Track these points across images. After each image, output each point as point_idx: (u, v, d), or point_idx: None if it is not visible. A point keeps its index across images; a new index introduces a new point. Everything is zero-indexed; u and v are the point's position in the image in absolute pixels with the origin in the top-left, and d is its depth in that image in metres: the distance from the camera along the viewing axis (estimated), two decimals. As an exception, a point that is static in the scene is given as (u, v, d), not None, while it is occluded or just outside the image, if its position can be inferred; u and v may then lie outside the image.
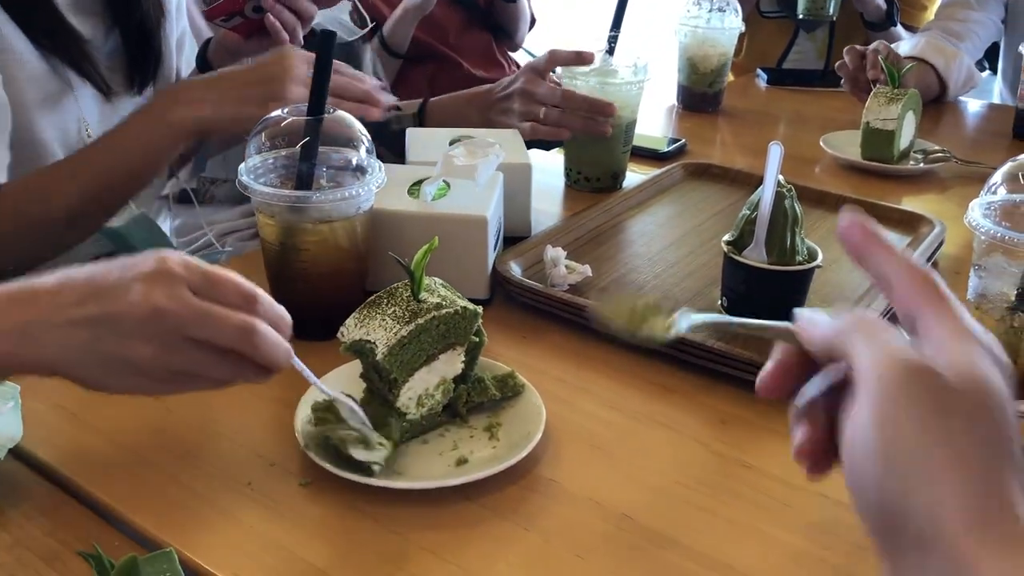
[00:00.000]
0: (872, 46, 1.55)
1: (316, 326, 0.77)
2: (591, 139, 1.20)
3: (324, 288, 0.85)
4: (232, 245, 1.38)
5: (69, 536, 0.62)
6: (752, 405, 0.78)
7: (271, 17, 1.09)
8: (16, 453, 0.68)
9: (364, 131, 0.87)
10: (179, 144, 0.98)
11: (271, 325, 0.58)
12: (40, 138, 1.03)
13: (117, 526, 0.63)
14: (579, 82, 1.20)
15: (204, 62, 1.19)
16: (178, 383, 0.58)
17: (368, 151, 0.87)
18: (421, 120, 1.28)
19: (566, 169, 1.27)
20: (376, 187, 0.85)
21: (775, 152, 0.82)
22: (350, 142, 0.86)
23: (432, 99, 1.29)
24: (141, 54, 1.13)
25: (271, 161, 0.85)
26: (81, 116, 1.07)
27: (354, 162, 0.86)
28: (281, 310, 0.60)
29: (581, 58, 1.19)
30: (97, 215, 1.00)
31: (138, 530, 0.62)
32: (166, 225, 1.38)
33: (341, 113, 0.87)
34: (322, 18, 1.24)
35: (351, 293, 0.85)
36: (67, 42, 1.02)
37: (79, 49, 1.03)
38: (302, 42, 1.14)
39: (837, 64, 1.61)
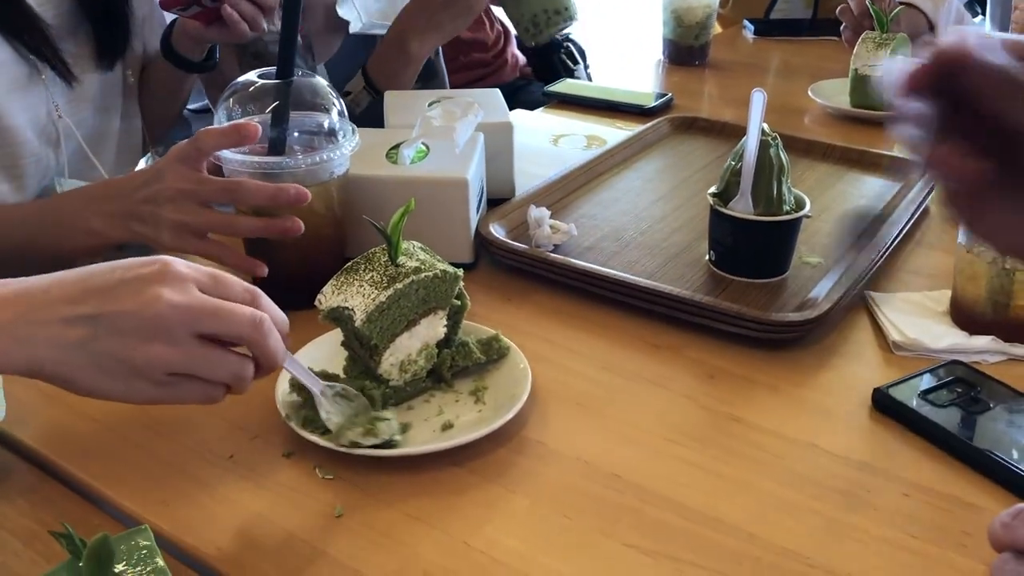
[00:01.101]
0: None
1: (295, 294, 0.76)
2: None
3: (301, 255, 0.83)
4: None
5: (48, 516, 0.61)
6: (740, 359, 0.77)
7: (228, 8, 1.04)
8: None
9: (335, 93, 0.85)
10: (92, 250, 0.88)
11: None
12: (11, 124, 1.00)
13: (98, 505, 0.62)
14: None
15: (168, 47, 1.16)
16: (173, 387, 0.56)
17: (340, 114, 0.85)
18: (374, 88, 1.23)
19: (526, 27, 1.15)
20: (350, 150, 0.83)
21: (758, 99, 0.80)
22: (321, 106, 0.84)
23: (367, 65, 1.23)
24: (108, 32, 1.10)
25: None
26: (51, 99, 1.05)
27: (326, 126, 0.84)
28: (279, 310, 0.60)
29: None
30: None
31: (118, 508, 0.61)
32: None
33: (315, 79, 0.85)
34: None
35: (329, 259, 0.83)
36: (28, 28, 0.99)
37: (41, 35, 1.00)
38: (265, 30, 1.09)
39: (839, 9, 1.57)
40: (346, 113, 0.85)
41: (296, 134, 0.83)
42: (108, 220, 0.84)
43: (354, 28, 1.31)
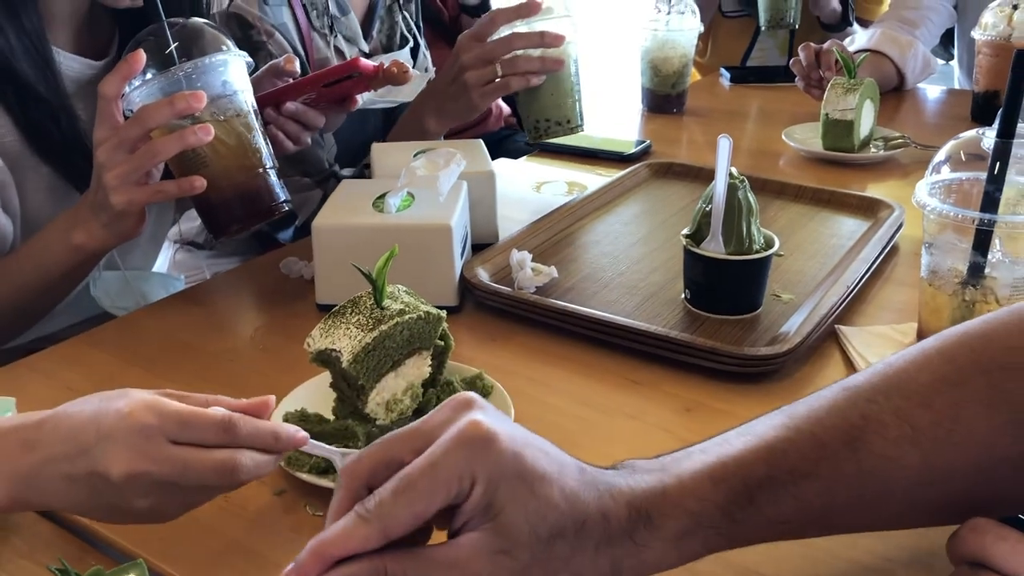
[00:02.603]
0: (825, 46, 1.58)
1: (228, 216, 0.92)
2: (545, 82, 1.16)
3: (224, 175, 0.91)
4: None
5: (45, 557, 0.63)
6: (716, 393, 0.80)
7: (273, 128, 1.09)
8: None
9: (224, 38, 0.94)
10: (80, 264, 0.96)
11: (256, 442, 0.57)
12: None
13: (94, 544, 0.64)
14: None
15: None
16: (188, 507, 0.59)
17: (228, 47, 0.94)
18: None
19: (529, 127, 1.21)
20: (247, 68, 0.94)
21: (724, 144, 0.84)
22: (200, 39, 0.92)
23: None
24: None
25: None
26: None
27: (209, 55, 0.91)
28: (264, 426, 0.58)
29: (528, 7, 1.11)
30: (28, 316, 1.02)
31: (113, 546, 0.63)
32: (167, 256, 1.40)
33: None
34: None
35: (252, 178, 0.93)
36: (77, 161, 1.02)
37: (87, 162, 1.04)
38: (308, 144, 1.16)
39: (791, 61, 1.64)
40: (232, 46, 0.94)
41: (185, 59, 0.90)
42: (84, 228, 0.91)
43: (358, 104, 1.37)
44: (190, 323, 0.98)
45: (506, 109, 2.17)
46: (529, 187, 1.32)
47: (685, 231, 0.91)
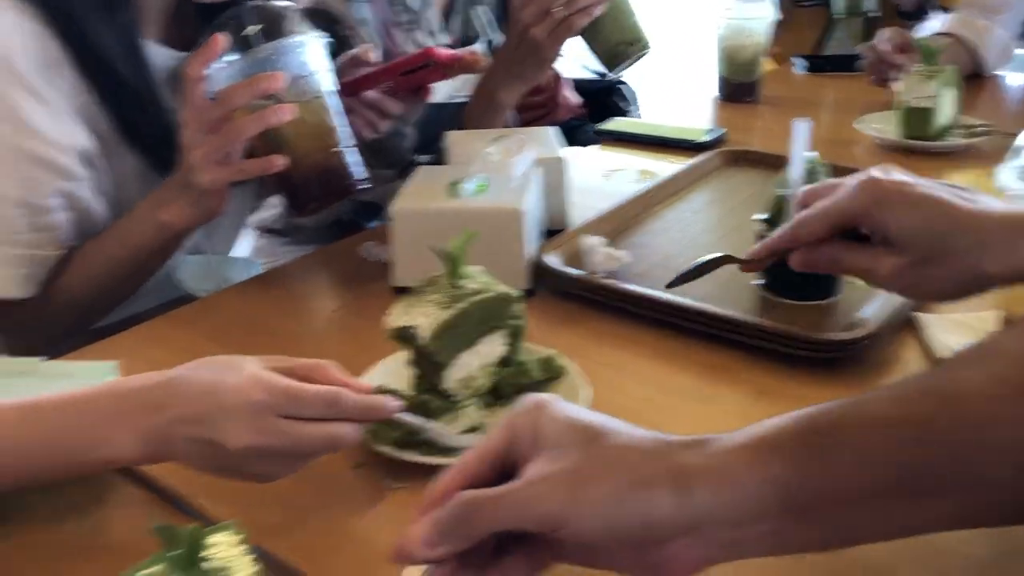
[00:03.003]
0: (888, 35, 1.57)
1: (309, 195, 0.95)
2: (606, 10, 1.18)
3: (304, 156, 0.94)
4: None
5: (141, 522, 0.66)
6: (789, 378, 0.80)
7: (351, 117, 1.10)
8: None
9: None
10: (167, 242, 1.00)
11: (357, 415, 0.64)
12: None
13: (185, 511, 0.67)
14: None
15: None
16: (293, 470, 0.65)
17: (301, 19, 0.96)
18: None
19: (606, 59, 1.24)
20: (322, 43, 0.95)
21: (800, 128, 0.84)
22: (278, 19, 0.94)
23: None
24: None
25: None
26: None
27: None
28: (364, 400, 0.64)
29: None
30: (118, 293, 1.06)
31: (201, 512, 0.66)
32: (247, 243, 1.44)
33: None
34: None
35: (330, 160, 0.96)
36: (164, 147, 1.05)
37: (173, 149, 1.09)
38: (383, 132, 1.19)
39: (863, 50, 1.61)
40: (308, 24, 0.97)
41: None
42: (171, 208, 0.95)
43: (437, 98, 1.40)
44: (270, 304, 1.01)
45: (575, 100, 2.17)
46: (599, 175, 1.32)
47: (760, 216, 0.90)
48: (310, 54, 0.94)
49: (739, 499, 0.48)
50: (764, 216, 0.91)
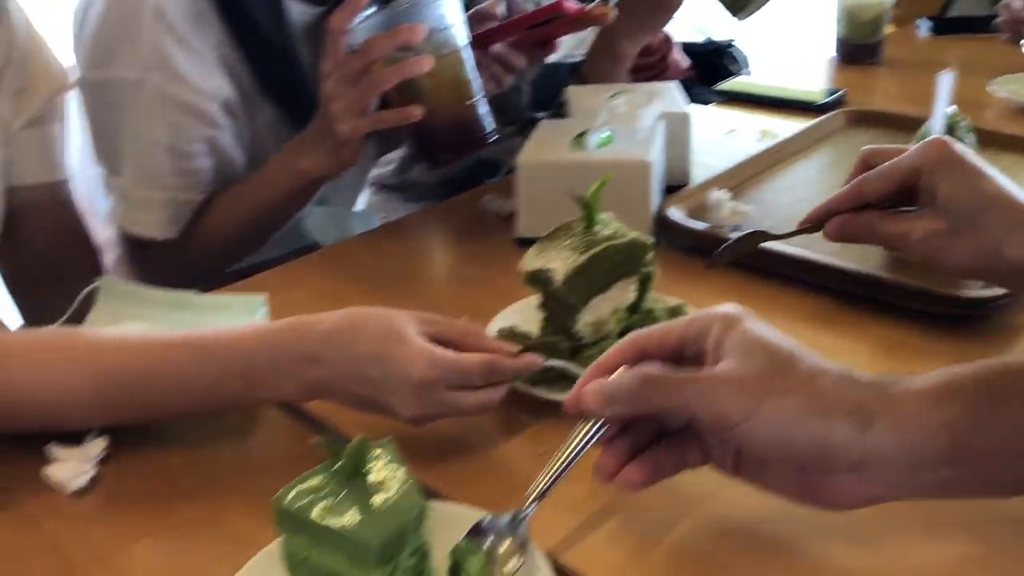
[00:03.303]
0: None
1: (441, 145, 0.98)
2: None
3: (440, 107, 0.96)
4: None
5: (295, 447, 0.70)
6: (920, 335, 0.79)
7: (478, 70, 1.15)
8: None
9: None
10: (304, 187, 1.04)
11: (508, 378, 0.67)
12: None
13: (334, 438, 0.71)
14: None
15: None
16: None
17: None
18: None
19: (729, 4, 1.15)
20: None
21: (945, 80, 0.82)
22: None
23: None
24: None
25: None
26: None
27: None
28: (514, 365, 0.67)
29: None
30: (259, 235, 1.12)
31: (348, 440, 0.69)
32: (364, 199, 1.49)
33: None
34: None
35: (463, 112, 0.98)
36: (300, 98, 1.10)
37: (309, 102, 1.09)
38: (508, 86, 1.20)
39: (1000, 5, 1.54)
40: None
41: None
42: (309, 156, 0.99)
43: (553, 57, 1.40)
44: (395, 253, 1.05)
45: (684, 62, 2.14)
46: (719, 133, 1.31)
47: (894, 172, 0.89)
48: (447, 7, 0.96)
49: (915, 442, 0.49)
50: (897, 172, 0.89)
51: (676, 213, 0.97)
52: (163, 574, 0.58)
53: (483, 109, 0.99)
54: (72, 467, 0.66)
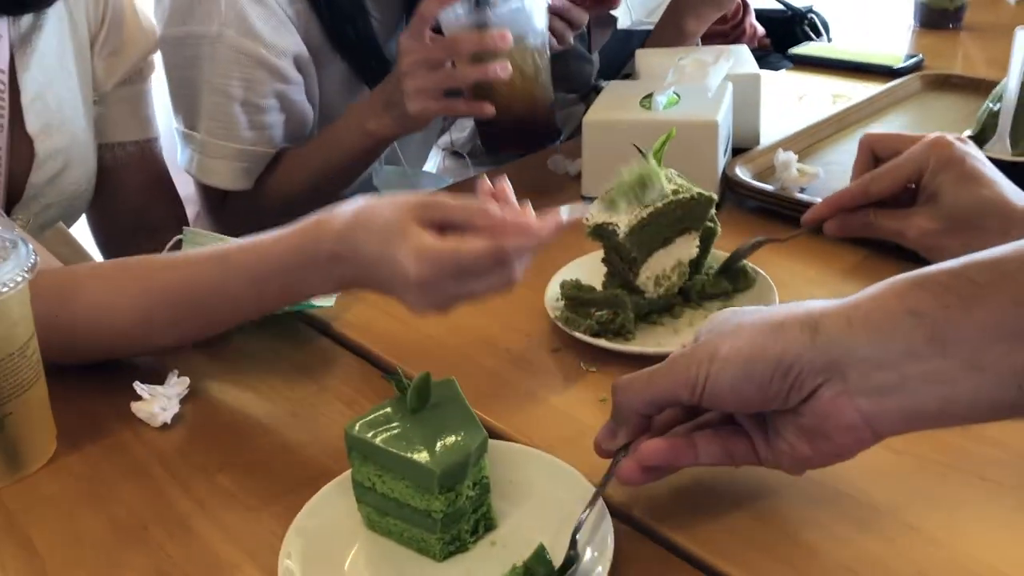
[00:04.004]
0: None
1: (509, 139, 1.01)
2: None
3: (514, 104, 0.98)
4: None
5: (364, 387, 0.73)
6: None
7: None
8: (326, 332, 0.82)
9: None
10: (374, 146, 1.07)
11: (523, 253, 0.64)
12: None
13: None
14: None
15: None
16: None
17: None
18: None
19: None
20: (546, 3, 0.96)
21: (1022, 37, 0.80)
22: None
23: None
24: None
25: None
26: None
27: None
28: (528, 245, 0.64)
29: None
30: (329, 190, 1.11)
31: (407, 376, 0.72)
32: (435, 162, 1.52)
33: None
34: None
35: (537, 113, 1.00)
36: (370, 57, 1.14)
37: (379, 60, 1.15)
38: (571, 43, 1.20)
39: None
40: None
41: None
42: (377, 118, 1.01)
43: (622, 24, 1.40)
44: (465, 211, 1.07)
45: (760, 29, 2.11)
46: (791, 97, 1.30)
47: (967, 132, 0.88)
48: (536, 15, 0.97)
49: (876, 332, 0.46)
50: (970, 133, 0.88)
51: (743, 173, 0.97)
52: (241, 501, 0.62)
53: (553, 114, 1.01)
54: (157, 403, 0.70)
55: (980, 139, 0.86)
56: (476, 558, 0.55)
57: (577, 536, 0.52)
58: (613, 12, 1.40)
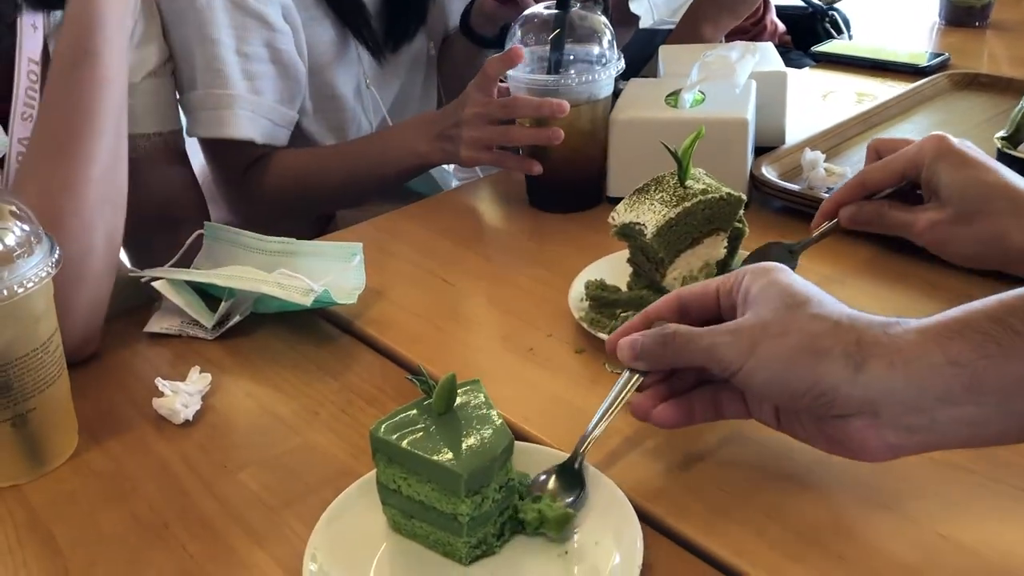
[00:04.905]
0: None
1: (560, 196, 1.00)
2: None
3: (567, 166, 0.98)
4: None
5: (385, 385, 0.73)
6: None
7: None
8: (348, 329, 0.81)
9: (607, 24, 0.98)
10: (417, 168, 1.09)
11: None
12: (338, 92, 1.20)
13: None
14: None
15: (466, 25, 1.29)
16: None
17: (609, 44, 0.97)
18: None
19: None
20: (615, 73, 0.96)
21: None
22: (594, 35, 0.98)
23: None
24: (402, 15, 1.24)
25: (527, 53, 0.97)
26: (363, 71, 1.21)
27: (596, 53, 0.97)
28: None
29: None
30: (355, 196, 1.17)
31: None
32: None
33: (590, 13, 0.98)
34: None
35: (589, 176, 1.00)
36: (354, 11, 1.17)
37: (364, 19, 1.17)
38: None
39: None
40: (615, 45, 0.98)
41: (571, 58, 0.97)
42: (429, 143, 1.03)
43: (644, 23, 1.39)
44: (489, 206, 1.07)
45: (781, 27, 2.09)
46: (815, 96, 1.28)
47: (1001, 133, 0.86)
48: (602, 84, 0.97)
49: (917, 379, 0.47)
50: (1003, 134, 0.86)
51: (770, 172, 0.96)
52: (265, 501, 0.61)
53: (600, 179, 1.01)
54: (179, 399, 0.70)
55: (1014, 140, 0.84)
56: (502, 562, 0.55)
57: (582, 451, 0.58)
58: (634, 11, 1.39)
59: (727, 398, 0.58)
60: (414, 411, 0.56)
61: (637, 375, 0.59)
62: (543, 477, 0.58)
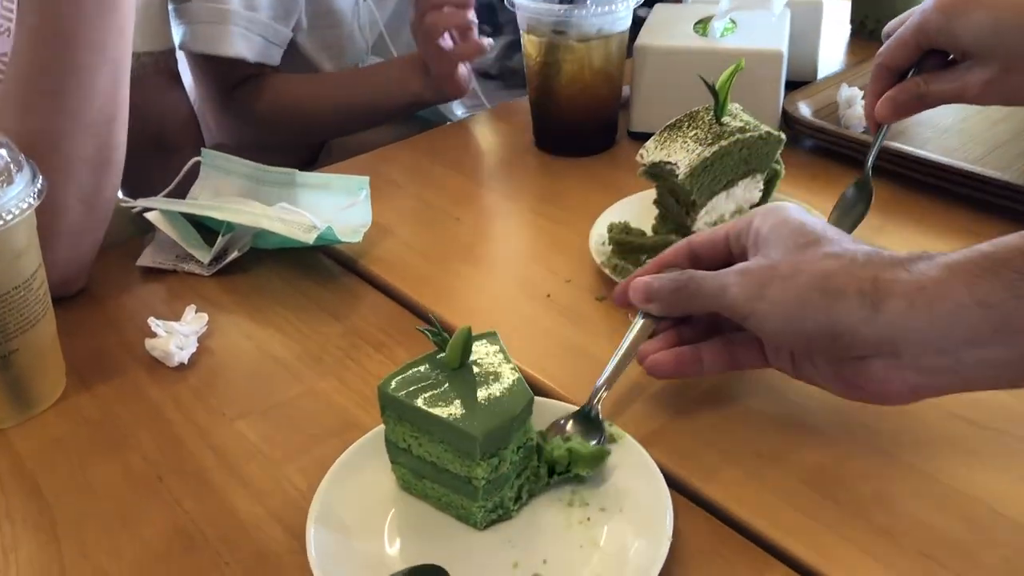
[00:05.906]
0: None
1: (568, 142, 0.92)
2: None
3: (578, 107, 0.90)
4: None
5: (393, 329, 0.68)
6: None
7: None
8: (352, 268, 0.76)
9: None
10: (410, 105, 1.08)
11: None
12: (335, 6, 1.13)
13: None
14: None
15: None
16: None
17: None
18: None
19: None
20: (635, 4, 0.88)
21: None
22: None
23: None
24: None
25: None
26: None
27: None
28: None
29: None
30: (345, 127, 1.14)
31: (448, 327, 0.67)
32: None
33: None
34: None
35: (599, 119, 0.92)
36: None
37: None
38: None
39: None
40: None
41: None
42: (421, 81, 1.02)
43: None
44: (497, 137, 1.01)
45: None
46: (845, 27, 1.21)
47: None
48: (619, 15, 0.88)
49: (941, 320, 0.44)
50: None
51: (803, 109, 0.90)
52: (264, 453, 0.58)
53: (617, 112, 0.94)
54: (174, 341, 0.65)
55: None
56: (520, 528, 0.51)
57: (596, 401, 0.55)
58: None
59: (742, 346, 0.55)
60: (425, 365, 0.52)
61: (650, 321, 0.57)
62: (561, 421, 0.55)
